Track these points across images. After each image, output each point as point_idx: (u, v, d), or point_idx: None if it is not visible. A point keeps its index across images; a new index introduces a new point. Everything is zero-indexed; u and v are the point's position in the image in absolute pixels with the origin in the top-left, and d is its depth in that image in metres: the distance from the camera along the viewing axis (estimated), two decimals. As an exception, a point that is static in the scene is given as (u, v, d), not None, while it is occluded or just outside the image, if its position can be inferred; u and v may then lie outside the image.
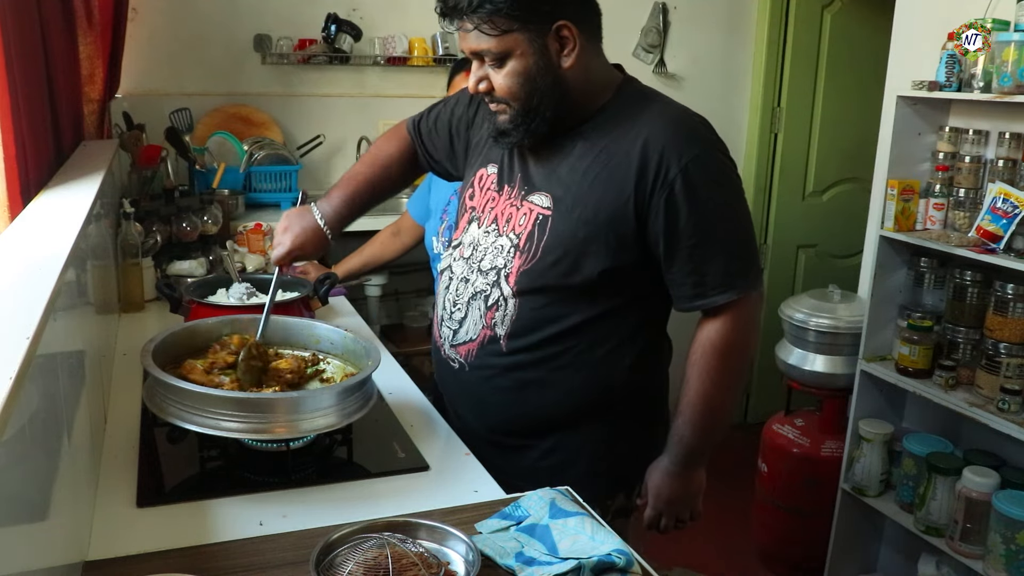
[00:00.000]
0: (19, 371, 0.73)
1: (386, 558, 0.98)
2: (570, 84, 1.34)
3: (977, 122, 2.41)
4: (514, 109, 1.36)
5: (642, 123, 1.35)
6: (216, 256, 2.51)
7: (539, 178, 1.41)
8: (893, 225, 2.44)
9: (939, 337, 2.43)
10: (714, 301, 1.35)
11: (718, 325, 1.37)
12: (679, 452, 1.43)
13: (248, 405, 1.26)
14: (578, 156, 1.38)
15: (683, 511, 1.48)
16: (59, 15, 1.92)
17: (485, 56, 1.33)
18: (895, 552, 2.77)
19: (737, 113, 3.96)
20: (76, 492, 1.08)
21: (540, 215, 1.39)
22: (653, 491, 1.46)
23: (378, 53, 3.32)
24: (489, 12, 1.27)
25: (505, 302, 1.41)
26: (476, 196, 1.51)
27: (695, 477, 1.47)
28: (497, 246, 1.43)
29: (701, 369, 1.39)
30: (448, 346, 1.50)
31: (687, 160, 1.31)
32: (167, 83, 3.12)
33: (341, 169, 3.38)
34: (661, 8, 3.71)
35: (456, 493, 1.29)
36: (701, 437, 1.41)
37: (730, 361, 1.39)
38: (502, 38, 1.29)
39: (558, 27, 1.30)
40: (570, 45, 1.32)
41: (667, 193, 1.31)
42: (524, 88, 1.33)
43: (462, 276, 1.48)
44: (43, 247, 1.14)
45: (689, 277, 1.35)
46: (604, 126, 1.38)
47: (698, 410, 1.39)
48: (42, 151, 1.63)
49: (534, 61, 1.31)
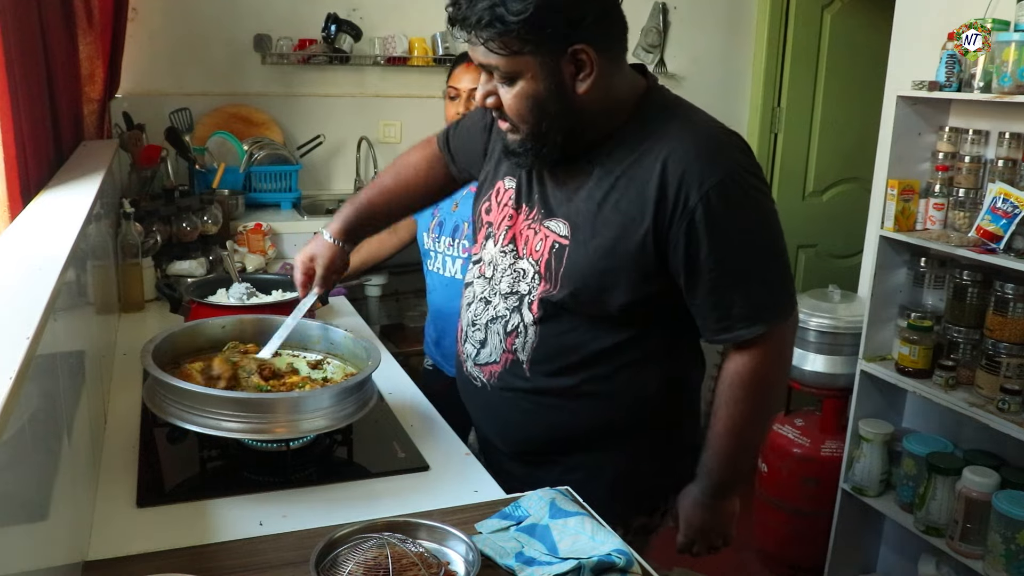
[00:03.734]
0: (19, 371, 0.73)
1: (386, 558, 0.98)
2: (585, 107, 1.24)
3: (977, 122, 2.41)
4: (523, 132, 1.27)
5: (663, 145, 1.25)
6: (216, 256, 2.51)
7: (556, 202, 1.33)
8: (893, 225, 2.44)
9: (939, 337, 2.43)
10: (740, 336, 1.27)
11: (746, 359, 1.29)
12: (709, 483, 1.38)
13: (248, 405, 1.26)
14: (595, 182, 1.29)
15: (716, 539, 1.44)
16: (59, 15, 1.92)
17: (494, 72, 1.24)
18: (895, 552, 2.77)
19: (737, 113, 3.96)
20: (76, 492, 1.08)
21: (556, 243, 1.31)
22: (684, 519, 1.42)
23: (378, 53, 3.32)
24: (499, 32, 1.17)
25: (526, 329, 1.35)
26: (493, 211, 1.44)
27: (727, 506, 1.42)
28: (518, 270, 1.37)
29: (728, 402, 1.32)
30: (471, 364, 1.45)
31: (708, 186, 1.21)
32: (167, 83, 3.12)
33: (341, 169, 3.39)
34: (661, 8, 3.71)
35: (456, 493, 1.29)
36: (729, 469, 1.37)
37: (758, 395, 1.32)
38: (512, 59, 1.19)
39: (574, 51, 1.19)
40: (587, 69, 1.21)
41: (687, 222, 1.22)
42: (533, 112, 1.23)
43: (482, 296, 1.43)
44: (43, 247, 1.14)
45: (713, 311, 1.27)
46: (623, 146, 1.28)
47: (725, 443, 1.34)
48: (42, 151, 1.63)
49: (545, 85, 1.21)
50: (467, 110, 2.06)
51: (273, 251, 2.72)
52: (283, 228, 2.82)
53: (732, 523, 1.45)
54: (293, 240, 2.80)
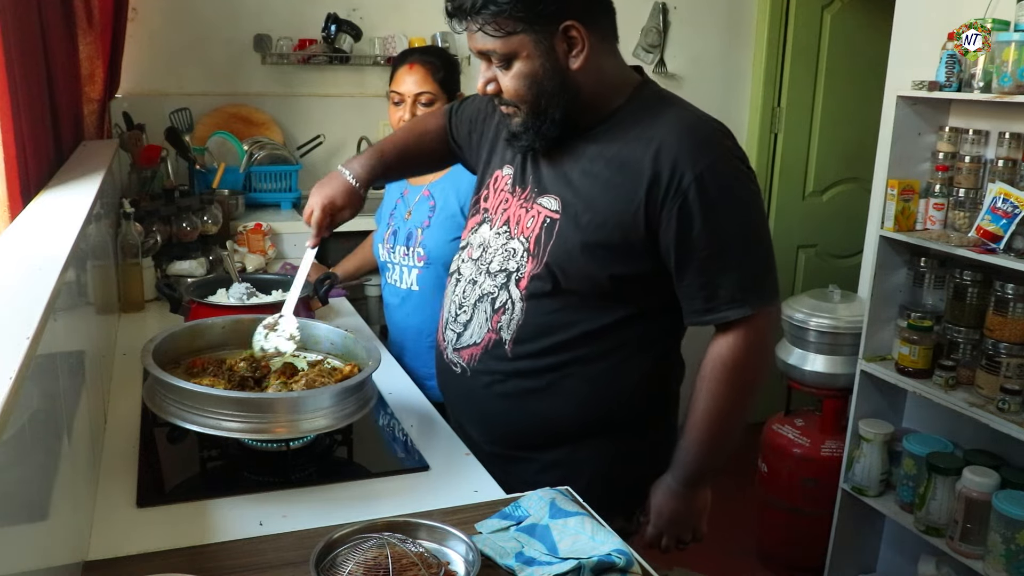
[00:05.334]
0: (19, 371, 0.73)
1: (386, 558, 0.98)
2: (581, 85, 1.31)
3: (977, 122, 2.41)
4: (523, 112, 1.33)
5: (657, 128, 1.31)
6: (216, 256, 2.51)
7: (550, 180, 1.38)
8: (893, 225, 2.44)
9: (939, 337, 2.43)
10: (725, 316, 1.31)
11: (730, 341, 1.32)
12: (683, 471, 1.39)
13: (248, 405, 1.26)
14: (590, 160, 1.35)
15: (685, 531, 1.44)
16: (59, 15, 1.92)
17: (492, 56, 1.31)
18: (895, 552, 2.77)
19: (737, 113, 3.96)
20: (76, 492, 1.08)
21: (548, 218, 1.36)
22: (655, 509, 1.42)
23: (378, 53, 3.32)
24: (493, 13, 1.26)
25: (513, 306, 1.38)
26: (490, 198, 1.48)
27: (699, 497, 1.43)
28: (509, 249, 1.40)
29: (710, 386, 1.34)
30: (451, 350, 1.47)
31: (701, 168, 1.27)
32: (167, 83, 3.12)
33: (341, 169, 3.39)
34: (661, 8, 3.71)
35: (456, 493, 1.29)
36: (707, 457, 1.38)
37: (740, 379, 1.34)
38: (507, 39, 1.27)
39: (565, 27, 1.27)
40: (579, 46, 1.29)
41: (680, 202, 1.27)
42: (531, 90, 1.30)
43: (470, 278, 1.45)
44: (43, 247, 1.14)
45: (701, 291, 1.31)
46: (617, 130, 1.34)
47: (704, 429, 1.35)
48: (42, 151, 1.63)
49: (541, 63, 1.29)
50: (412, 116, 2.05)
51: (273, 251, 2.72)
52: (283, 228, 2.82)
53: (703, 517, 1.45)
54: (293, 240, 2.80)
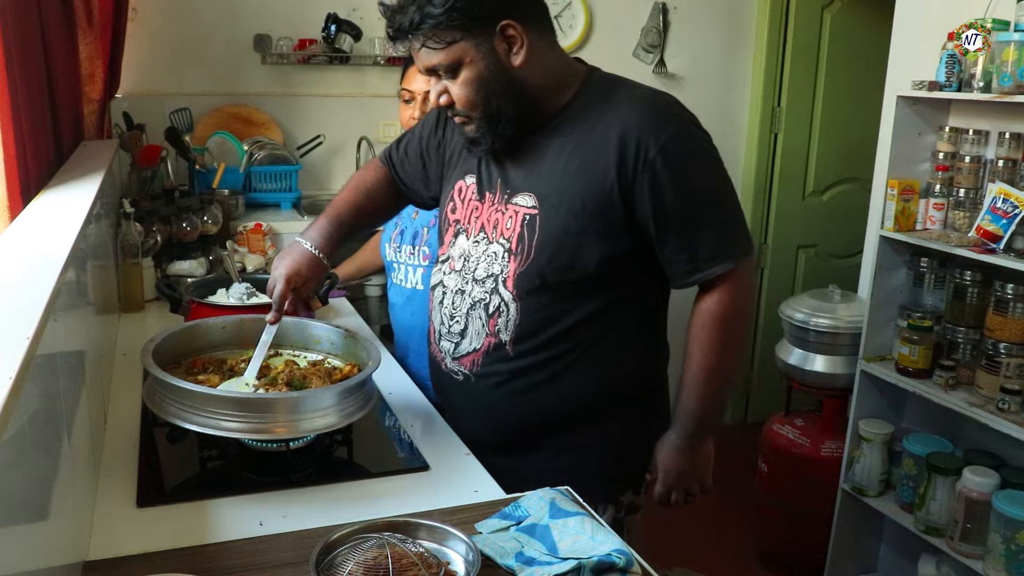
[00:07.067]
0: (19, 371, 0.73)
1: (386, 558, 0.98)
2: (527, 81, 1.35)
3: (977, 122, 2.41)
4: (477, 116, 1.37)
5: (614, 109, 1.36)
6: (216, 256, 2.51)
7: (519, 180, 1.42)
8: (893, 225, 2.44)
9: (939, 337, 2.43)
10: (710, 273, 1.37)
11: (716, 296, 1.39)
12: (686, 426, 1.45)
13: (248, 405, 1.26)
14: (555, 152, 1.39)
15: (692, 484, 1.50)
16: (59, 15, 1.92)
17: (439, 70, 1.35)
18: (895, 552, 2.77)
19: (737, 113, 3.96)
20: (76, 492, 1.08)
21: (527, 215, 1.39)
22: (662, 467, 1.48)
23: (378, 53, 3.32)
24: (431, 27, 1.29)
25: (507, 307, 1.41)
26: (459, 209, 1.51)
27: (703, 449, 1.49)
28: (490, 254, 1.43)
29: (703, 341, 1.40)
30: (450, 360, 1.49)
31: (665, 139, 1.32)
32: (167, 83, 3.12)
33: (341, 169, 3.38)
34: (661, 8, 3.71)
35: (456, 493, 1.29)
36: (707, 408, 1.43)
37: (731, 330, 1.41)
38: (449, 49, 1.31)
39: (502, 27, 1.31)
40: (518, 43, 1.33)
41: (650, 174, 1.32)
42: (479, 93, 1.34)
43: (457, 288, 1.47)
44: (43, 247, 1.14)
45: (682, 252, 1.37)
46: (576, 119, 1.39)
47: (702, 381, 1.41)
48: (42, 151, 1.63)
49: (485, 65, 1.32)
50: (422, 113, 2.05)
51: (273, 251, 2.72)
52: (283, 228, 2.82)
53: (708, 467, 1.52)
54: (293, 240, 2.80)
